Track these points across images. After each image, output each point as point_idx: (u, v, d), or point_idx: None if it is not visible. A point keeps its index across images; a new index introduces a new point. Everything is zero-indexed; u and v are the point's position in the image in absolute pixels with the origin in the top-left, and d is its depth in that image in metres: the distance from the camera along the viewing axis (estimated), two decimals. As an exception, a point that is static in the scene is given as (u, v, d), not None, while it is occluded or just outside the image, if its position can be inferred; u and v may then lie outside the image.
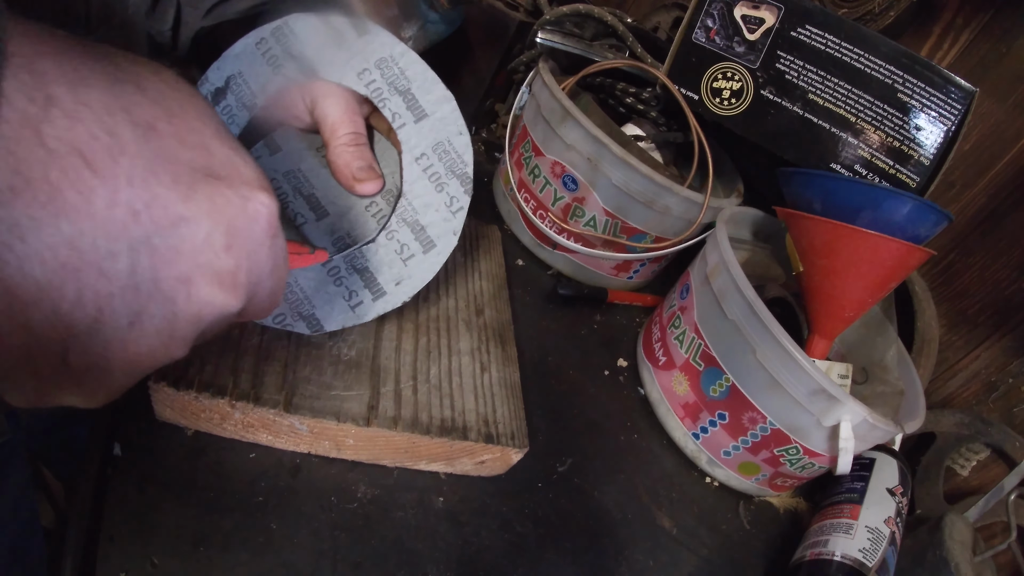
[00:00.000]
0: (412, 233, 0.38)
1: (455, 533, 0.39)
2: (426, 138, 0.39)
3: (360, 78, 0.38)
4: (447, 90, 0.39)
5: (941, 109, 0.52)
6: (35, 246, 0.17)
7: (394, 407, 0.38)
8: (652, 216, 0.59)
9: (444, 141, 0.39)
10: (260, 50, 0.37)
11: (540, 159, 0.62)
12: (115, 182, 0.18)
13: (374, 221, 0.39)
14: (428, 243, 0.39)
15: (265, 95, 0.37)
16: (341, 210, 0.39)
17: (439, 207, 0.39)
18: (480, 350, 0.45)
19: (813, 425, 0.46)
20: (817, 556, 0.46)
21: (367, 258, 0.38)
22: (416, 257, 0.38)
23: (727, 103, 0.59)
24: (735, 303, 0.48)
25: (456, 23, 0.65)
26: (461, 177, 0.39)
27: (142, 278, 0.19)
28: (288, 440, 0.37)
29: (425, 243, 0.39)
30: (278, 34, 0.37)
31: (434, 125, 0.39)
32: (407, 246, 0.38)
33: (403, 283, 0.38)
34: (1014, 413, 0.64)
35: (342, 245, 0.38)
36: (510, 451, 0.40)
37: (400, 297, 0.38)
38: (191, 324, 0.21)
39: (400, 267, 0.38)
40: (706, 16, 0.59)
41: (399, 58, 0.38)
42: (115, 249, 0.18)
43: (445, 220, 0.39)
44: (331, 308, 0.37)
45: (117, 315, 0.19)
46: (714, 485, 0.54)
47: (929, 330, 0.64)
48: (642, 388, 0.58)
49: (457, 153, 0.39)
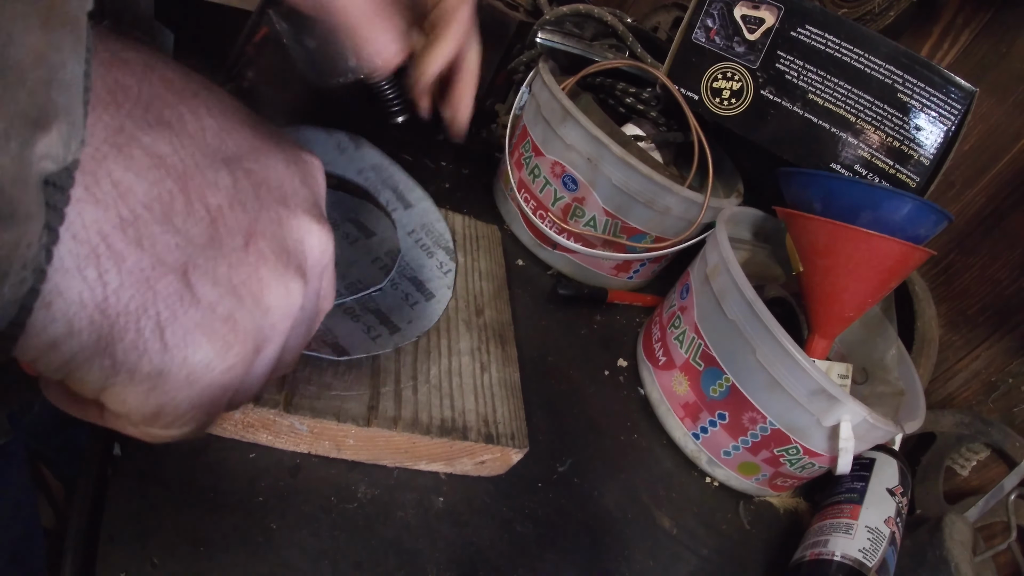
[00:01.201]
0: (413, 285, 0.45)
1: (455, 533, 0.39)
2: (414, 220, 0.49)
3: (360, 175, 0.48)
4: (423, 191, 0.51)
5: (941, 109, 0.52)
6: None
7: (394, 407, 0.38)
8: (652, 216, 0.59)
9: (428, 223, 0.49)
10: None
11: (540, 159, 0.62)
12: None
13: (381, 273, 0.45)
14: (428, 294, 0.45)
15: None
16: (350, 260, 0.45)
17: (432, 268, 0.47)
18: (480, 350, 0.45)
19: (813, 425, 0.46)
20: (817, 556, 0.46)
21: (377, 302, 0.42)
22: (420, 304, 0.44)
23: (727, 103, 0.59)
24: (735, 303, 0.48)
25: (456, 23, 0.65)
26: (446, 248, 0.49)
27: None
28: (288, 440, 0.37)
29: (426, 294, 0.45)
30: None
31: (418, 213, 0.50)
32: (410, 295, 0.44)
33: (414, 322, 0.43)
34: (1014, 413, 0.64)
35: (354, 290, 0.42)
36: (510, 451, 0.40)
37: (414, 333, 0.42)
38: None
39: (408, 310, 0.43)
40: (706, 16, 0.59)
41: (388, 166, 0.50)
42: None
43: (438, 278, 0.47)
44: (353, 339, 0.39)
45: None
46: (714, 485, 0.54)
47: (929, 330, 0.64)
48: (642, 388, 0.58)
49: (439, 233, 0.50)
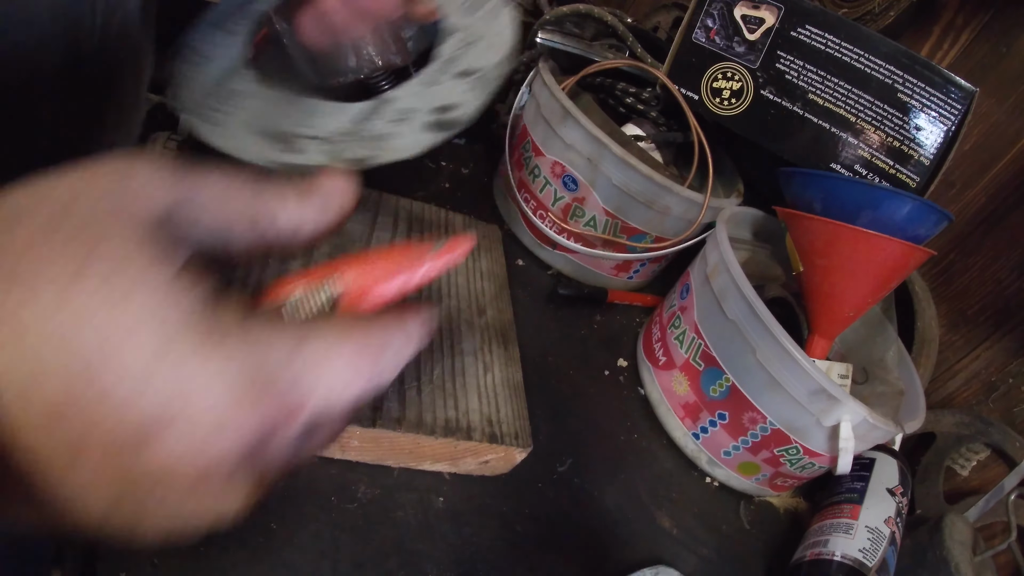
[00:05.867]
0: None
1: (455, 533, 0.39)
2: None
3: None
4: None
5: (941, 109, 0.52)
6: None
7: (398, 408, 0.38)
8: (652, 216, 0.59)
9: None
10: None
11: (540, 159, 0.62)
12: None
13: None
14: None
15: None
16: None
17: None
18: (483, 350, 0.45)
19: (813, 425, 0.46)
20: (817, 556, 0.46)
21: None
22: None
23: (727, 103, 0.59)
24: (735, 303, 0.48)
25: (456, 23, 0.65)
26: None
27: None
28: None
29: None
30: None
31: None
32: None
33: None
34: (1014, 413, 0.64)
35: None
36: (514, 451, 0.40)
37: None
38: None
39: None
40: (706, 16, 0.59)
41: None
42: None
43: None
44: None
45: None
46: (714, 485, 0.54)
47: (929, 330, 0.64)
48: (642, 388, 0.58)
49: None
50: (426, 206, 0.54)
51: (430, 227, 0.52)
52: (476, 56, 0.40)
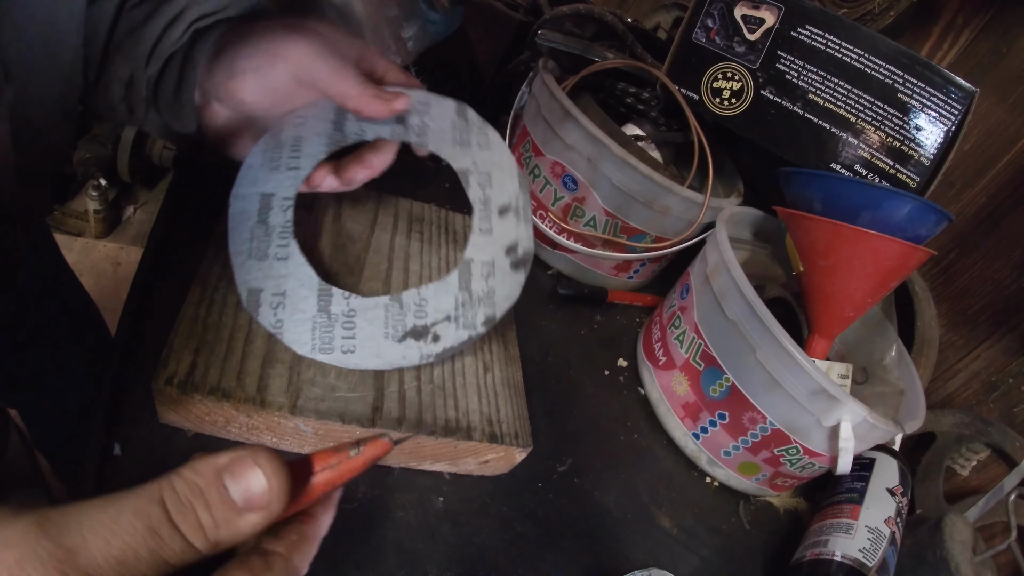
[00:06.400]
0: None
1: (455, 533, 0.39)
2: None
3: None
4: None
5: (941, 109, 0.52)
6: None
7: (398, 408, 0.38)
8: (652, 216, 0.59)
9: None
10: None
11: (540, 159, 0.61)
12: None
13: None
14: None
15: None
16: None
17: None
18: (483, 350, 0.45)
19: (813, 425, 0.46)
20: (817, 556, 0.46)
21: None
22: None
23: (727, 103, 0.59)
24: (735, 303, 0.48)
25: (456, 23, 0.65)
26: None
27: None
28: (292, 442, 0.37)
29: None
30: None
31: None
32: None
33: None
34: (1014, 413, 0.64)
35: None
36: (514, 450, 0.40)
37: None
38: None
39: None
40: (706, 16, 0.59)
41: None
42: None
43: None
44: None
45: None
46: (714, 485, 0.54)
47: (929, 330, 0.64)
48: (642, 388, 0.58)
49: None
50: (426, 206, 0.54)
51: (430, 227, 0.52)
52: (500, 191, 0.43)
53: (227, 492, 0.19)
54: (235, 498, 0.19)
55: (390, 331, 0.38)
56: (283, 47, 0.37)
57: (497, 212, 0.43)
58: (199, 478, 0.18)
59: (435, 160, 0.46)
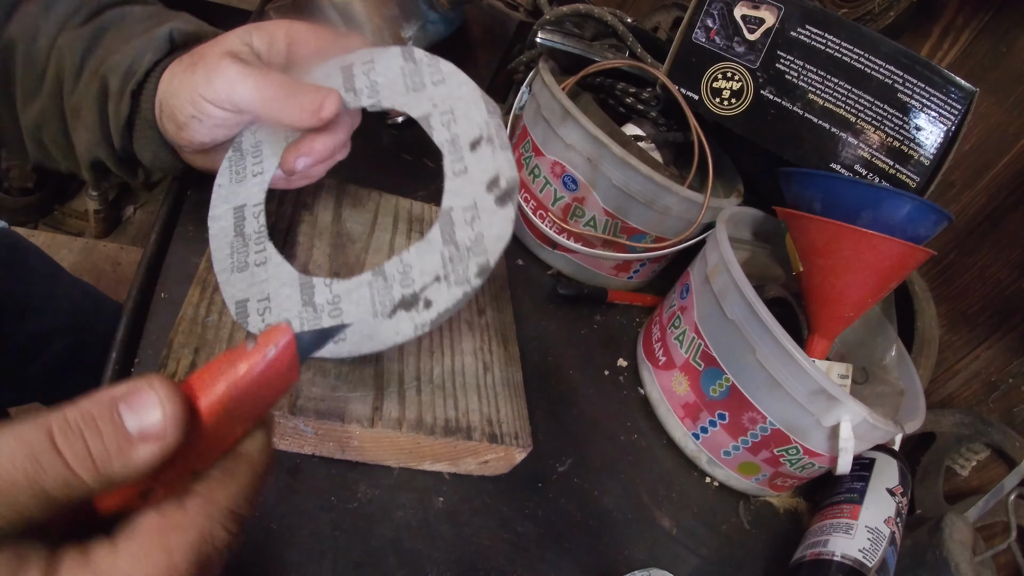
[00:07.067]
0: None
1: (455, 533, 0.39)
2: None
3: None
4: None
5: (941, 109, 0.52)
6: None
7: (398, 408, 0.38)
8: (652, 216, 0.59)
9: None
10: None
11: (540, 159, 0.62)
12: None
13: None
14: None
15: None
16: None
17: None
18: (482, 350, 0.45)
19: (813, 425, 0.46)
20: (817, 556, 0.47)
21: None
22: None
23: (727, 103, 0.59)
24: (735, 303, 0.48)
25: (456, 23, 0.65)
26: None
27: None
28: (292, 442, 0.37)
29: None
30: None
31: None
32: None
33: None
34: (1014, 413, 0.64)
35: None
36: (514, 450, 0.40)
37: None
38: None
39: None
40: (706, 16, 0.59)
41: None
42: None
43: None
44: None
45: None
46: (714, 485, 0.54)
47: (929, 330, 0.64)
48: (642, 388, 0.58)
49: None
50: (426, 206, 0.54)
51: (430, 227, 0.52)
52: (467, 124, 0.39)
53: (121, 421, 0.17)
54: (129, 427, 0.17)
55: (378, 308, 0.36)
56: (203, 89, 0.36)
57: (468, 147, 0.39)
58: (93, 406, 0.17)
59: (435, 161, 0.44)
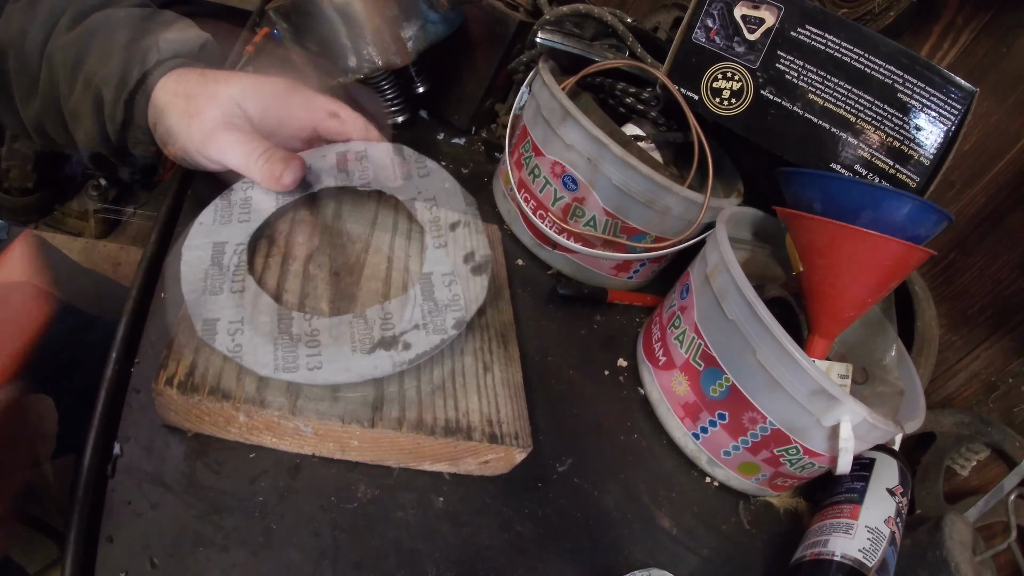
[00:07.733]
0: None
1: (455, 533, 0.39)
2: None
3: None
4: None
5: (941, 109, 0.52)
6: None
7: (398, 408, 0.38)
8: (652, 216, 0.59)
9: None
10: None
11: (540, 159, 0.62)
12: None
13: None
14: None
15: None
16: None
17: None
18: (482, 350, 0.45)
19: (813, 425, 0.46)
20: (817, 556, 0.46)
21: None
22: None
23: (727, 103, 0.59)
24: (735, 303, 0.48)
25: (456, 23, 0.65)
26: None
27: None
28: (292, 442, 0.37)
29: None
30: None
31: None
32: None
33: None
34: (1014, 413, 0.64)
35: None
36: (514, 451, 0.40)
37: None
38: None
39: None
40: (706, 16, 0.59)
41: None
42: None
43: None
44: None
45: None
46: (714, 485, 0.54)
47: (929, 330, 0.64)
48: (642, 388, 0.58)
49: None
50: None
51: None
52: (448, 210, 0.47)
53: None
54: None
55: (357, 344, 0.37)
56: (198, 147, 0.42)
57: (449, 227, 0.46)
58: None
59: (435, 161, 0.47)
